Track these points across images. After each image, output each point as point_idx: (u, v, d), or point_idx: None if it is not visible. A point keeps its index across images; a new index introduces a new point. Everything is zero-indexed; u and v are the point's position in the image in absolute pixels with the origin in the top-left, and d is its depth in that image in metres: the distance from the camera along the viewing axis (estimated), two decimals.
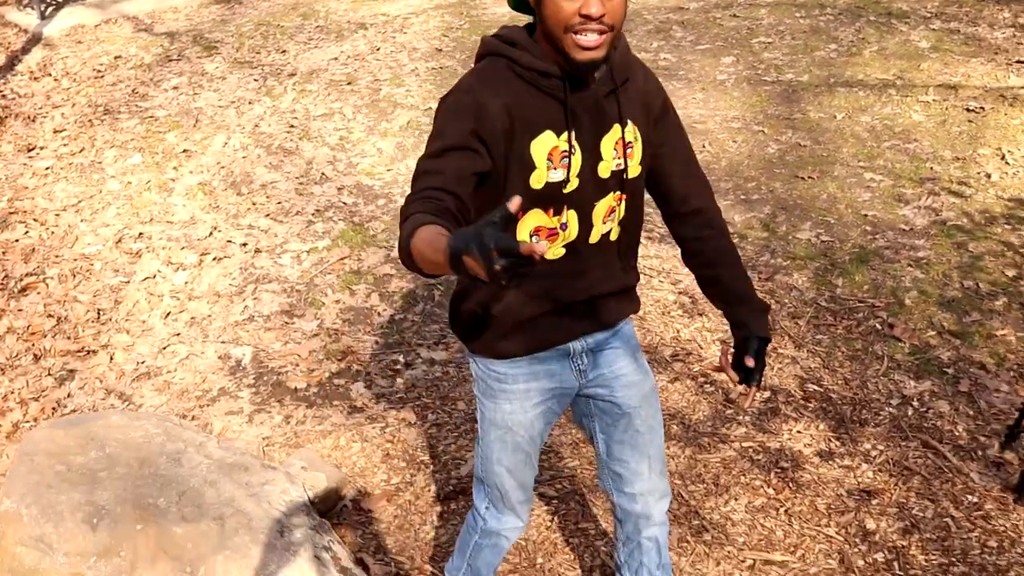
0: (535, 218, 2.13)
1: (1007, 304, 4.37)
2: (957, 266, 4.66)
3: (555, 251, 2.19)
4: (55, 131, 6.70)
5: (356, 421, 3.94)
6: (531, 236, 2.13)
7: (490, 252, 1.43)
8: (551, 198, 2.10)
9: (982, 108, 6.15)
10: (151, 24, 8.95)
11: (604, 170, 2.13)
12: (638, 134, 2.17)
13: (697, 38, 7.74)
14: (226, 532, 2.84)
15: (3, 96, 7.36)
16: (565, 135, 2.06)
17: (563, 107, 2.05)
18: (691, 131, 6.07)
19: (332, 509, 3.45)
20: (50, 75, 7.78)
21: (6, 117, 6.95)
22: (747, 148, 5.95)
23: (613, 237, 2.25)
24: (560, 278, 2.23)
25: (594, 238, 2.21)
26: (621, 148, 2.14)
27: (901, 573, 3.10)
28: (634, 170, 2.18)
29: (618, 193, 2.18)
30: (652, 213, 4.87)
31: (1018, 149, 5.65)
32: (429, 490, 3.58)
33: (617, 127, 2.12)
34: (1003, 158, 5.58)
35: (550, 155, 2.06)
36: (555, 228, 2.15)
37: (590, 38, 1.92)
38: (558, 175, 2.08)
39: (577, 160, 2.09)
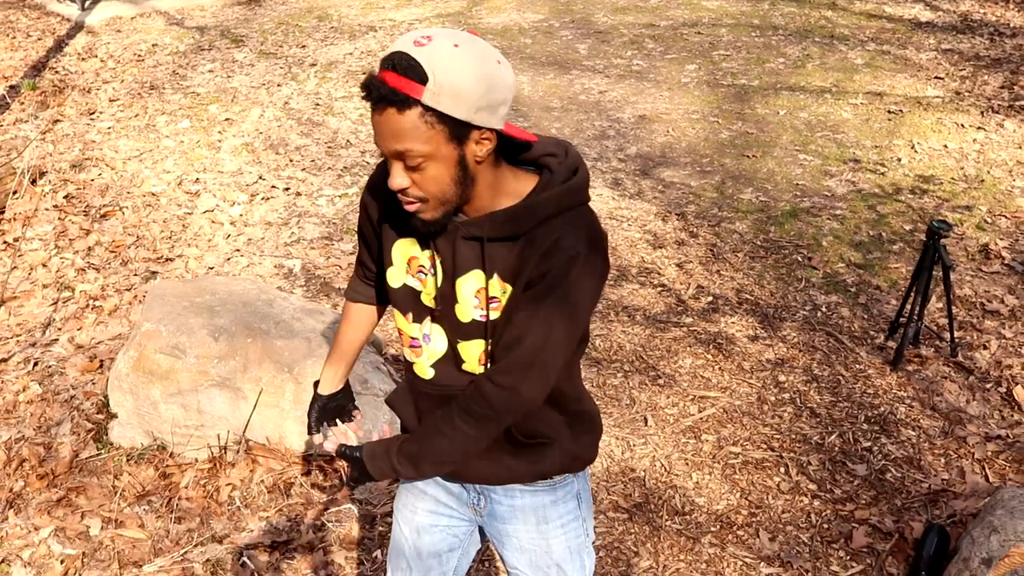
0: (398, 320, 2.02)
1: (902, 247, 5.53)
2: (866, 221, 5.82)
3: (422, 368, 2.02)
4: (110, 100, 7.76)
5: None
6: (400, 335, 2.06)
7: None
8: (409, 302, 1.97)
9: (901, 111, 7.37)
10: (181, 19, 10.04)
11: (462, 313, 1.91)
12: (507, 293, 1.87)
13: (666, 49, 8.94)
14: (312, 346, 3.91)
15: (57, 72, 8.41)
16: (428, 252, 1.91)
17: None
18: (658, 120, 7.26)
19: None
20: (96, 56, 8.83)
21: (64, 88, 8.00)
22: (703, 133, 7.12)
23: None
24: (435, 405, 2.02)
25: (468, 370, 1.98)
26: (483, 299, 1.88)
27: (801, 404, 4.23)
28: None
29: (491, 341, 1.92)
30: (622, 173, 6.01)
31: (926, 141, 6.86)
32: None
33: (480, 274, 1.86)
34: (913, 148, 6.78)
35: (409, 261, 1.95)
36: (416, 338, 1.99)
37: (410, 206, 1.80)
38: (415, 283, 1.95)
39: (435, 281, 1.92)
